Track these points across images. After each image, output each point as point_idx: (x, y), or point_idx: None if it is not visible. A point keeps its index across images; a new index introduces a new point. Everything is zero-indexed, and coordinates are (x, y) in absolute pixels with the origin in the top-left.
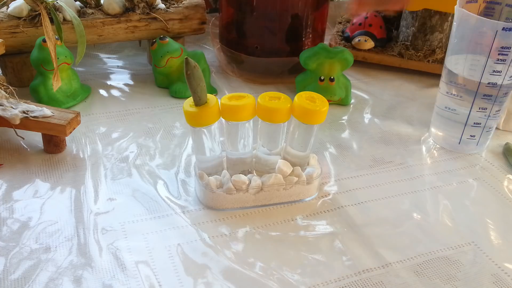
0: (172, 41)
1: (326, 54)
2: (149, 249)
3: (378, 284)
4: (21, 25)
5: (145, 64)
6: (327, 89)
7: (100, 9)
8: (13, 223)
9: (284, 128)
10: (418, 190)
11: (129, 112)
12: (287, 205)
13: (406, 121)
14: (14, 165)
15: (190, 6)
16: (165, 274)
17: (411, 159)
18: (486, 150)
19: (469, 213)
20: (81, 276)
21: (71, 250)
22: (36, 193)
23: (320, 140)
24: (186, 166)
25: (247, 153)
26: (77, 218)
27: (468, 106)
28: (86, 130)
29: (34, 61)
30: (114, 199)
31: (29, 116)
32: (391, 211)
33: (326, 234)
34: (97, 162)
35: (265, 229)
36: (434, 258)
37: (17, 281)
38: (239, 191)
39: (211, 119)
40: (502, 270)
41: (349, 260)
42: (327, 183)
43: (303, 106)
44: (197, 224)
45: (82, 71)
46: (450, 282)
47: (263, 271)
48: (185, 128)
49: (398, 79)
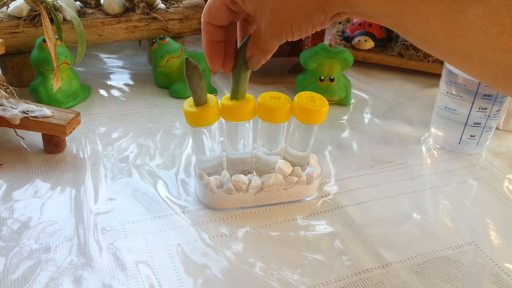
0: (172, 41)
1: (326, 54)
2: (149, 249)
3: (378, 284)
4: (21, 25)
5: (145, 64)
6: (327, 89)
7: (100, 9)
8: (13, 223)
9: (284, 128)
10: (418, 190)
11: (129, 112)
12: (287, 205)
13: (406, 121)
14: (14, 165)
15: (190, 6)
16: (165, 274)
17: (411, 159)
18: (486, 150)
19: (469, 213)
20: (81, 276)
21: (71, 250)
22: (36, 193)
23: (320, 140)
24: (186, 166)
25: (247, 153)
26: (77, 218)
27: (468, 106)
28: (86, 130)
29: (34, 61)
30: (114, 199)
31: (29, 116)
32: (391, 211)
33: (326, 234)
34: (97, 162)
35: (265, 229)
36: (434, 258)
37: (17, 281)
38: (239, 191)
39: (211, 119)
40: (502, 270)
41: (349, 260)
42: (327, 183)
43: (303, 106)
44: (197, 224)
45: (82, 71)
46: (450, 282)
47: (263, 271)
48: (185, 128)
49: (398, 79)
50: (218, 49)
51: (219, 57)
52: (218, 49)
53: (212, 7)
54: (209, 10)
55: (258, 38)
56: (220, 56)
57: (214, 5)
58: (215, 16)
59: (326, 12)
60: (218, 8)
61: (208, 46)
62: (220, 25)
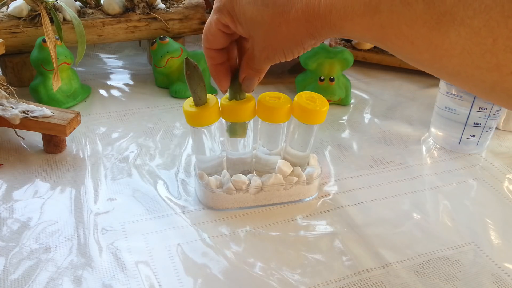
0: (172, 41)
1: (326, 54)
2: (149, 249)
3: (378, 284)
4: (21, 25)
5: (145, 64)
6: (327, 89)
7: (100, 9)
8: (13, 223)
9: (284, 128)
10: (418, 190)
11: (129, 112)
12: (287, 205)
13: (406, 121)
14: (14, 165)
15: (190, 6)
16: (165, 274)
17: (411, 159)
18: (486, 150)
19: (469, 213)
20: (81, 276)
21: (71, 250)
22: (36, 193)
23: (320, 140)
24: (186, 166)
25: (247, 153)
26: (77, 218)
27: (468, 106)
28: (86, 130)
29: (34, 61)
30: (114, 199)
31: (29, 116)
32: (391, 211)
33: (326, 234)
34: (97, 162)
35: (265, 229)
36: (434, 258)
37: (17, 281)
38: (239, 191)
39: (211, 119)
40: (502, 270)
41: (349, 260)
42: (327, 183)
43: (303, 106)
44: (197, 224)
45: (82, 71)
46: (450, 282)
47: (263, 271)
48: (185, 128)
49: (398, 79)
50: (224, 70)
51: (226, 77)
52: (224, 70)
53: (208, 34)
54: (207, 37)
55: (252, 60)
56: (226, 76)
57: (210, 32)
58: (213, 42)
59: (316, 38)
60: (214, 34)
61: (213, 70)
62: (220, 48)
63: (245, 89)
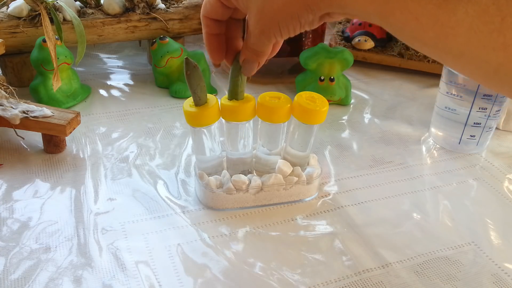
0: (172, 41)
1: (326, 54)
2: (149, 249)
3: (378, 284)
4: (21, 25)
5: (145, 64)
6: (327, 89)
7: (100, 9)
8: (13, 223)
9: (284, 128)
10: (418, 190)
11: (129, 112)
12: (287, 205)
13: (406, 121)
14: (14, 165)
15: (190, 6)
16: (165, 274)
17: (411, 159)
18: (486, 150)
19: (469, 213)
20: (81, 276)
21: (71, 250)
22: (36, 193)
23: (320, 140)
24: (186, 166)
25: (247, 153)
26: (77, 218)
27: (468, 106)
28: (86, 130)
29: (34, 61)
30: (114, 199)
31: (29, 116)
32: (391, 211)
33: (326, 234)
34: (97, 162)
35: (265, 229)
36: (434, 258)
37: (17, 281)
38: (239, 191)
39: (211, 119)
40: (502, 270)
41: (349, 260)
42: (327, 183)
43: (303, 106)
44: (197, 224)
45: (82, 71)
46: (450, 282)
47: (263, 271)
48: (185, 128)
49: (398, 79)
50: (217, 42)
51: (219, 50)
52: (217, 42)
53: (207, 3)
54: (205, 5)
55: (248, 38)
56: (219, 49)
57: (209, 1)
58: (210, 10)
59: (314, 12)
60: (213, 4)
61: (207, 39)
62: (217, 19)
63: (244, 72)
